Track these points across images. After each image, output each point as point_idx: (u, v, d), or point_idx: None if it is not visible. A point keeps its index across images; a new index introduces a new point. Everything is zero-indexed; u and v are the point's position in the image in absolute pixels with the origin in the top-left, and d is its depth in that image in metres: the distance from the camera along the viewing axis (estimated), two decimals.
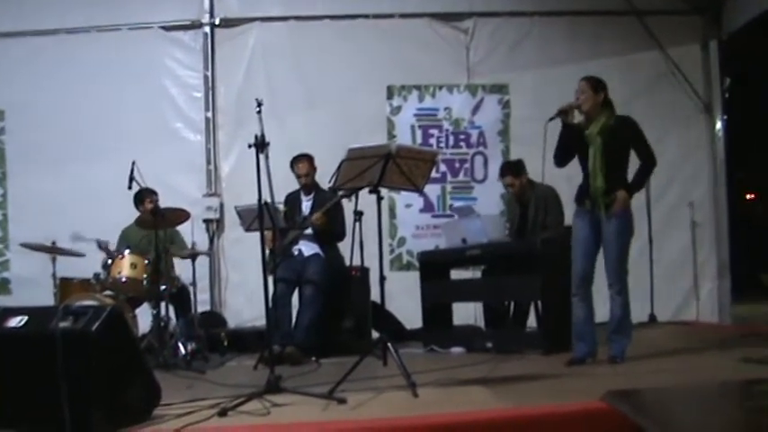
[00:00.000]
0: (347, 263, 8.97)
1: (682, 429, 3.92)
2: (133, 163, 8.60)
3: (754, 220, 29.06)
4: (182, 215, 8.98)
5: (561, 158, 7.37)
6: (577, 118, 7.27)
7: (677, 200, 11.76)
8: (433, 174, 9.79)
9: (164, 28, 11.50)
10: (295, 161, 9.42)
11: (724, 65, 11.97)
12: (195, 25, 11.56)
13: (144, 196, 9.20)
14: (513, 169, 9.39)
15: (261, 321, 8.49)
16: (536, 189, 9.11)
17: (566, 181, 7.78)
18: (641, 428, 3.99)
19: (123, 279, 8.68)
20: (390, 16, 11.62)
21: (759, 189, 35.06)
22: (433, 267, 9.75)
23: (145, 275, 8.71)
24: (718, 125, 11.92)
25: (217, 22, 11.54)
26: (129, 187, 8.64)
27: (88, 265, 9.10)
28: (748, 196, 35.03)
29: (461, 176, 11.68)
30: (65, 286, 8.95)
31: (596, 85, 7.23)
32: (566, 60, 11.18)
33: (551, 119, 7.18)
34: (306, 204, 9.45)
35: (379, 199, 6.58)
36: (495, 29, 11.77)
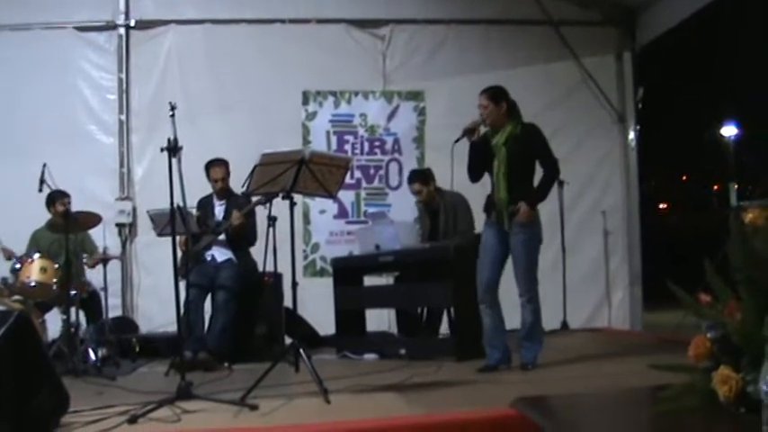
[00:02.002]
0: (260, 269, 8.93)
1: None
2: (44, 165, 8.47)
3: (667, 229, 29.58)
4: (93, 219, 8.83)
5: (474, 175, 7.42)
6: (485, 129, 7.31)
7: (590, 208, 11.94)
8: (348, 180, 9.87)
9: (78, 28, 11.31)
10: (210, 165, 9.36)
11: (638, 76, 12.17)
12: (110, 26, 11.40)
13: (55, 198, 9.01)
14: (420, 177, 9.48)
15: (173, 327, 8.38)
16: (444, 196, 9.17)
17: (481, 186, 7.79)
18: None
19: (32, 284, 8.51)
20: (307, 21, 11.60)
21: (671, 199, 35.72)
22: (346, 273, 9.77)
23: (55, 280, 8.56)
24: (632, 135, 12.12)
25: (132, 23, 11.40)
26: (40, 190, 8.51)
27: None
28: (661, 206, 35.65)
29: (376, 183, 11.71)
30: None
31: (495, 95, 7.25)
32: (481, 68, 11.22)
33: (457, 140, 7.22)
34: (219, 209, 9.39)
35: (292, 205, 6.59)
36: (411, 36, 11.83)
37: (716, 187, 32.51)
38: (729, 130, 31.39)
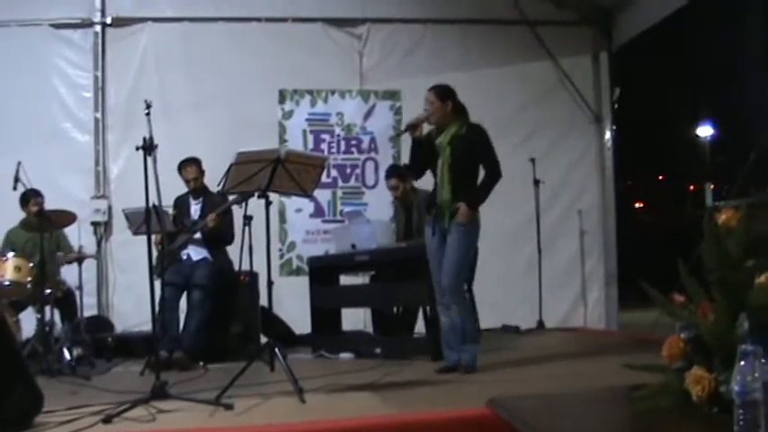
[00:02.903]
0: (236, 268, 8.91)
1: None
2: (18, 163, 8.38)
3: (643, 229, 29.67)
4: (68, 217, 8.80)
5: (416, 171, 7.49)
6: (429, 127, 7.30)
7: (566, 208, 11.97)
8: (324, 179, 9.87)
9: (53, 26, 11.23)
10: (182, 165, 9.31)
11: (614, 76, 12.23)
12: (86, 24, 11.33)
13: (29, 197, 8.94)
14: (399, 173, 9.45)
15: (148, 326, 8.30)
16: (417, 195, 9.17)
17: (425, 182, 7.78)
18: None
19: (6, 283, 8.45)
20: (284, 20, 11.58)
21: (647, 198, 35.83)
22: (322, 272, 9.75)
23: (29, 279, 8.51)
24: (608, 135, 12.17)
25: (108, 21, 11.33)
26: (14, 188, 8.42)
27: None
28: (637, 205, 35.76)
29: (352, 182, 11.70)
30: None
31: (442, 93, 7.25)
32: (458, 68, 11.18)
33: (399, 134, 7.25)
34: (194, 208, 9.37)
35: (268, 204, 6.59)
36: (388, 35, 11.84)
37: (692, 187, 32.63)
38: (705, 131, 31.49)
